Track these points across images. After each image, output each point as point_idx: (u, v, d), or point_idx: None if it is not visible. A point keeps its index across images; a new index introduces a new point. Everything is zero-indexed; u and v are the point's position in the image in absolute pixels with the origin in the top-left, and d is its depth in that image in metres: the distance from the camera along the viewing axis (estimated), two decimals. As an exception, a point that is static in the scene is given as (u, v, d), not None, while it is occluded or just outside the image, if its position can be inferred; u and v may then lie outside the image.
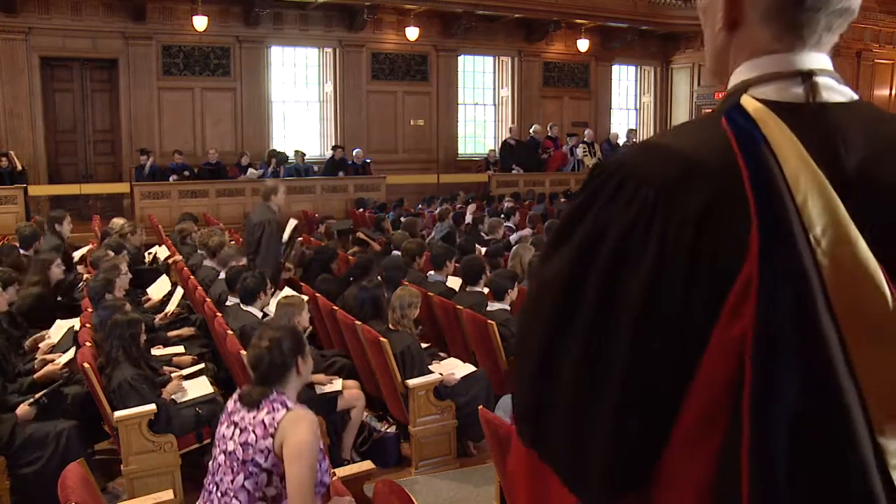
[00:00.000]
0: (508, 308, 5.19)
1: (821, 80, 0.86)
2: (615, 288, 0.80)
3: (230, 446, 2.34)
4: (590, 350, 0.82)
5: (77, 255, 7.77)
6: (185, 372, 4.31)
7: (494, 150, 14.77)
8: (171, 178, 11.75)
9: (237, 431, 2.35)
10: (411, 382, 4.43)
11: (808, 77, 0.86)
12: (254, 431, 2.31)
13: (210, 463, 2.46)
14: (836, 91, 0.87)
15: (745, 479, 0.71)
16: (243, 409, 2.40)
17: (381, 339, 4.50)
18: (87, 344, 4.38)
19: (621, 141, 15.89)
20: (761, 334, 0.72)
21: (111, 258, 6.02)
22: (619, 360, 0.80)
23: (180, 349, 5.16)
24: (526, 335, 0.92)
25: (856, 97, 0.88)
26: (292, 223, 6.85)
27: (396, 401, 4.62)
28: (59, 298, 6.13)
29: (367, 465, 3.08)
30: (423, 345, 4.98)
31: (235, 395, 2.51)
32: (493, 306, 5.18)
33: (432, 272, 6.37)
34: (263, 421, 2.31)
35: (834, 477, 0.71)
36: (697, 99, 16.96)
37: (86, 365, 4.00)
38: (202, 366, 4.76)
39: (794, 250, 0.73)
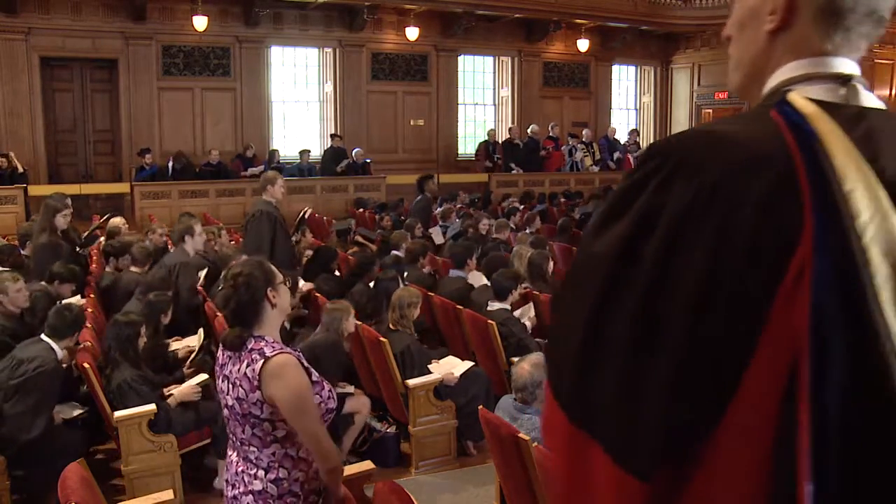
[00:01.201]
0: (509, 308, 5.19)
1: (857, 84, 0.91)
2: (672, 264, 0.82)
3: (229, 401, 2.34)
4: (643, 325, 0.83)
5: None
6: (194, 382, 4.28)
7: (488, 142, 14.70)
8: (170, 164, 11.75)
9: (230, 386, 2.33)
10: (411, 382, 4.43)
11: (846, 81, 0.91)
12: (241, 386, 2.29)
13: (223, 414, 2.46)
14: (869, 97, 0.91)
15: (803, 458, 0.74)
16: (229, 362, 2.37)
17: (381, 339, 4.51)
18: (88, 343, 4.38)
19: (619, 136, 15.93)
20: (816, 315, 0.75)
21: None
22: (673, 337, 0.81)
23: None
24: (570, 305, 0.93)
25: (884, 105, 0.92)
26: (306, 211, 6.77)
27: (396, 401, 4.62)
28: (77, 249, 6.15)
29: (367, 465, 3.08)
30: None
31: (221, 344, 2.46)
32: (494, 306, 5.19)
33: (454, 269, 6.39)
34: (246, 374, 2.28)
35: (884, 448, 0.74)
36: (697, 99, 16.96)
37: (86, 365, 4.00)
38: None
39: (844, 237, 0.77)
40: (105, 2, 12.15)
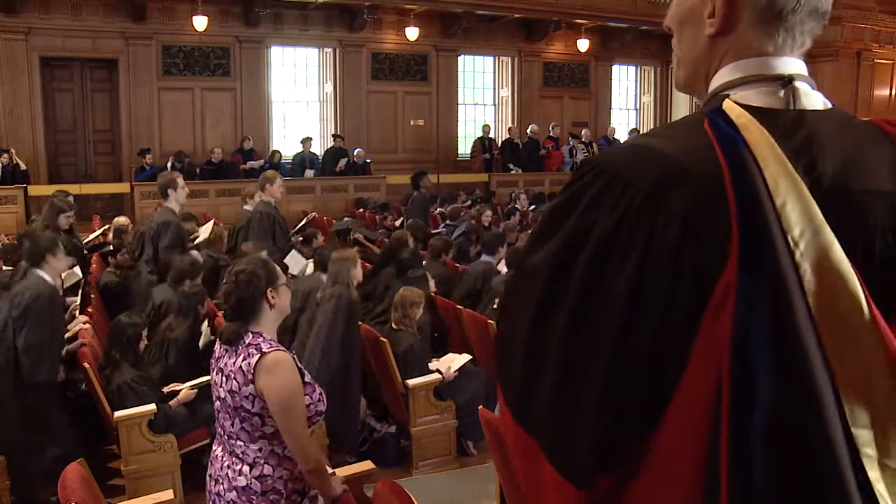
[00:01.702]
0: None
1: (800, 85, 0.89)
2: (600, 281, 0.82)
3: (221, 393, 2.36)
4: (573, 342, 0.84)
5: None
6: (195, 382, 4.29)
7: (483, 137, 14.67)
8: (169, 164, 11.72)
9: (224, 378, 2.36)
10: (411, 382, 4.43)
11: (788, 82, 0.89)
12: (235, 379, 2.31)
13: (214, 406, 2.48)
14: (812, 97, 0.89)
15: (724, 472, 0.74)
16: (225, 355, 2.39)
17: (382, 339, 4.51)
18: (88, 342, 4.38)
19: (619, 136, 15.90)
20: (739, 334, 0.74)
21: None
22: (601, 354, 0.81)
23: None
24: (512, 318, 0.94)
25: (830, 104, 0.91)
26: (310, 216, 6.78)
27: (396, 401, 4.62)
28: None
29: (367, 465, 3.08)
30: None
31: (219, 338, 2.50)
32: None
33: (485, 255, 6.45)
34: (241, 367, 2.30)
35: (807, 465, 0.73)
36: (697, 99, 16.94)
37: (86, 365, 4.00)
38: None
39: (773, 252, 0.75)
40: (105, 2, 12.14)
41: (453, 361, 4.77)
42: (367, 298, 5.77)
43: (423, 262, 6.24)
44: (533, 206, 11.30)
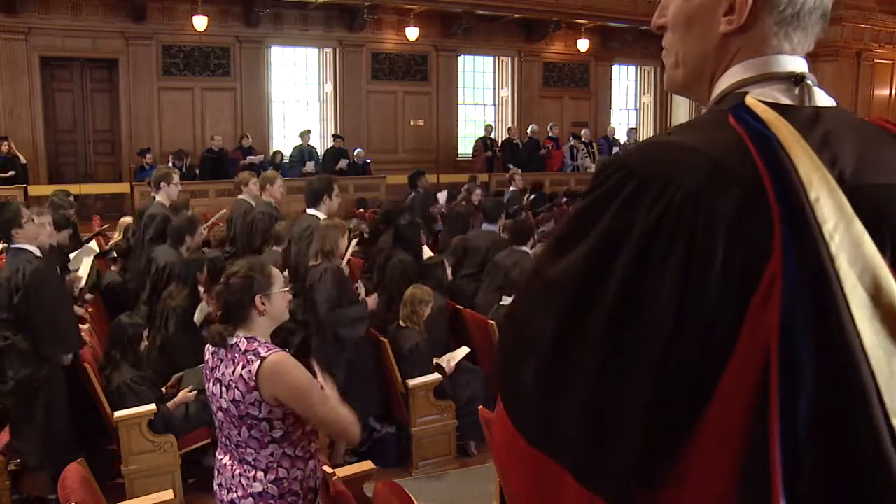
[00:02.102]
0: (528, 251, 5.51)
1: (811, 83, 0.89)
2: (641, 284, 0.79)
3: (223, 404, 2.34)
4: (612, 349, 0.80)
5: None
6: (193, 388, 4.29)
7: (485, 137, 14.68)
8: (170, 162, 11.72)
9: (224, 389, 2.33)
10: (411, 382, 4.43)
11: (801, 79, 0.89)
12: (237, 388, 2.28)
13: (214, 418, 2.45)
14: (821, 95, 0.90)
15: (773, 470, 0.73)
16: (221, 364, 2.36)
17: (382, 339, 4.50)
18: (88, 343, 4.38)
19: (619, 136, 15.90)
20: (786, 323, 0.74)
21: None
22: (645, 360, 0.79)
23: None
24: (528, 331, 0.89)
25: (834, 102, 0.91)
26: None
27: (396, 401, 4.62)
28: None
29: (367, 465, 3.07)
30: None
31: (208, 347, 2.46)
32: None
33: (486, 223, 6.51)
34: (242, 376, 2.27)
35: (853, 452, 0.74)
36: (694, 100, 16.94)
37: (86, 365, 4.00)
38: None
39: (813, 246, 0.76)
40: (105, 2, 12.14)
41: (453, 354, 4.77)
42: (369, 270, 5.73)
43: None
44: (533, 196, 11.26)
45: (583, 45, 15.74)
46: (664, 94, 17.58)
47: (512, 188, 10.75)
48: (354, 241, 4.81)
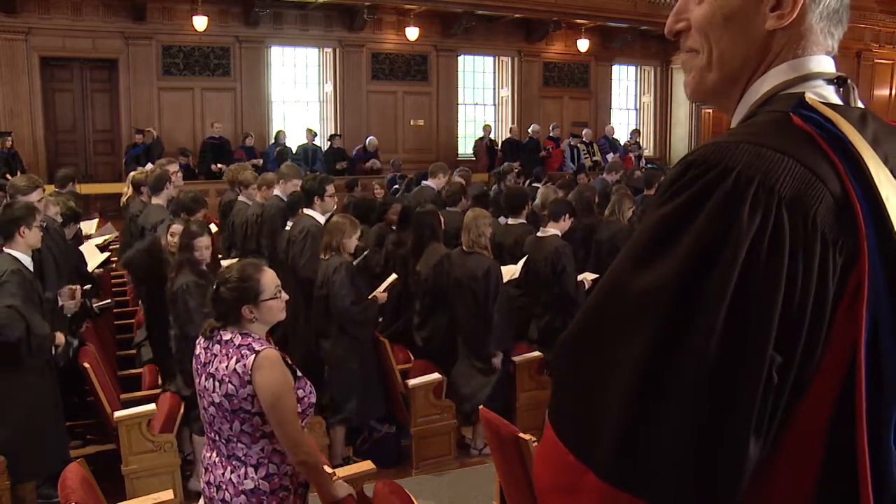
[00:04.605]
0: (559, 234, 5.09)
1: (851, 84, 0.88)
2: (747, 296, 0.74)
3: (216, 398, 2.37)
4: (716, 366, 0.74)
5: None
6: None
7: (484, 137, 14.67)
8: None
9: (217, 384, 2.36)
10: (411, 382, 4.43)
11: (844, 80, 0.87)
12: (231, 382, 2.33)
13: (202, 414, 2.47)
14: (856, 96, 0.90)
15: (863, 470, 0.73)
16: (214, 359, 2.40)
17: (382, 339, 4.50)
18: (89, 343, 4.38)
19: (618, 135, 15.89)
20: (873, 326, 0.74)
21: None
22: (753, 375, 0.74)
23: None
24: (608, 351, 0.80)
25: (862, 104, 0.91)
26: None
27: (396, 401, 4.62)
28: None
29: (367, 465, 3.08)
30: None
31: (200, 341, 2.50)
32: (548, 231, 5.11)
33: (502, 217, 6.08)
34: (236, 370, 2.33)
35: None
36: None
37: (86, 365, 4.00)
38: None
39: (892, 246, 0.76)
40: (105, 2, 12.13)
41: (514, 270, 4.76)
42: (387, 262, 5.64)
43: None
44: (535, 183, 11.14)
45: (583, 45, 15.74)
46: (664, 94, 17.58)
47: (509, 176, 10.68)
48: (390, 280, 4.66)
